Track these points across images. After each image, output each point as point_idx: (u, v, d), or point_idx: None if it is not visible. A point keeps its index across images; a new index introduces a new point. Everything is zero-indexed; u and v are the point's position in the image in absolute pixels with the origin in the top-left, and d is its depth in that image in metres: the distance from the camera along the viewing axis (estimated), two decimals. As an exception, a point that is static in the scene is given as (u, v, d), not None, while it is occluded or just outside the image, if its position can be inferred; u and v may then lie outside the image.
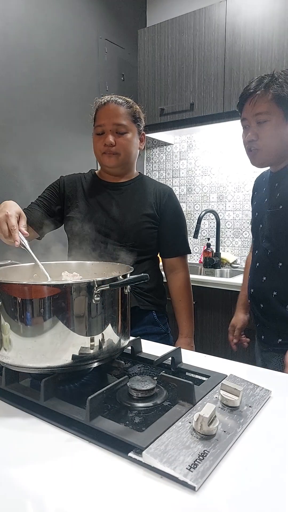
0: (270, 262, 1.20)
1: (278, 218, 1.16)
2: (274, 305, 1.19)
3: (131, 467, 0.56)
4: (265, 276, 1.22)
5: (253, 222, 1.35)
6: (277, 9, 2.00)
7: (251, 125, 1.15)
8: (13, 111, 2.04)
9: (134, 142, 1.30)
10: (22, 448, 0.61)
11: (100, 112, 1.28)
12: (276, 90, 1.10)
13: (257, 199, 1.34)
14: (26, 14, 2.06)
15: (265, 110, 1.12)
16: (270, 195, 1.23)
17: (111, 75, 2.67)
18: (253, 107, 1.13)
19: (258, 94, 1.12)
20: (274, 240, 1.18)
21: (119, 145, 1.26)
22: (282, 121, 1.12)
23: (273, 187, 1.22)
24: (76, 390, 0.78)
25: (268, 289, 1.20)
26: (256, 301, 1.26)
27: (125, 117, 1.27)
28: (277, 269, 1.18)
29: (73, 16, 2.34)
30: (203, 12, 2.25)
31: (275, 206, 1.17)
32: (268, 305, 1.21)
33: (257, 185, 1.39)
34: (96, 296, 0.74)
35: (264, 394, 0.75)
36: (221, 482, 0.53)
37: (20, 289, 0.73)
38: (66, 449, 0.60)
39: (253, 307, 1.30)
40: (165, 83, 2.44)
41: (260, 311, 1.25)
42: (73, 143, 2.38)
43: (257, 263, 1.26)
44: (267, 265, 1.21)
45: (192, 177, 2.84)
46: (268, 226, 1.21)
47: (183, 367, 0.87)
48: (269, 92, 1.11)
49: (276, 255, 1.18)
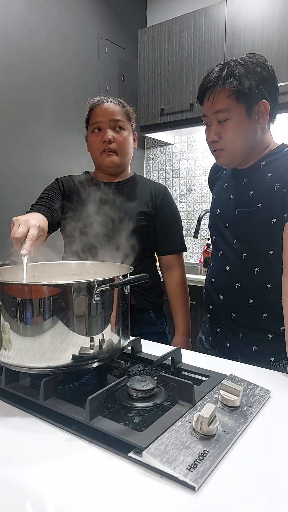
0: (245, 267, 1.05)
1: (256, 218, 1.02)
2: (249, 314, 1.06)
3: (131, 467, 0.56)
4: (238, 282, 1.07)
5: (213, 219, 1.19)
6: (277, 9, 2.00)
7: (212, 123, 1.03)
8: (13, 111, 2.04)
9: (130, 140, 1.31)
10: (22, 448, 0.61)
11: (96, 110, 1.30)
12: (234, 85, 0.97)
13: (216, 193, 1.21)
14: (26, 14, 2.06)
15: (225, 107, 0.99)
16: (238, 192, 1.09)
17: (111, 75, 2.67)
18: (211, 104, 1.01)
19: (216, 90, 0.99)
20: (251, 243, 1.04)
21: (117, 142, 1.27)
22: (245, 117, 1.00)
23: (241, 183, 1.09)
24: (76, 390, 0.78)
25: (242, 297, 1.06)
26: (226, 309, 1.11)
27: (121, 115, 1.28)
28: (253, 275, 1.04)
29: (73, 16, 2.34)
30: (203, 12, 2.25)
31: (250, 205, 1.04)
32: (242, 314, 1.07)
33: (214, 176, 1.26)
34: (96, 296, 0.74)
35: (264, 394, 0.75)
36: (221, 482, 0.53)
37: (20, 289, 0.73)
38: (66, 449, 0.60)
39: (220, 314, 1.13)
40: (165, 83, 2.44)
41: (231, 320, 1.10)
42: (73, 143, 2.38)
43: (226, 266, 1.11)
44: (241, 270, 1.07)
45: (192, 177, 2.84)
46: (241, 226, 1.07)
47: (183, 367, 0.87)
48: (227, 87, 0.97)
49: (252, 259, 1.04)
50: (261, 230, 1.01)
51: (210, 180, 1.30)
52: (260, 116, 1.01)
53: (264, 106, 1.00)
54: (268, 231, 0.99)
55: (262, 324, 1.04)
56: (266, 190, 1.00)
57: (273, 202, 0.98)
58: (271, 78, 1.02)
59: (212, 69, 1.02)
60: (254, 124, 1.01)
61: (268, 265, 1.01)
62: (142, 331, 1.28)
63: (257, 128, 1.02)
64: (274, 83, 1.03)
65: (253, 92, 0.98)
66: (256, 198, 1.03)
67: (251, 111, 1.00)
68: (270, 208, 0.98)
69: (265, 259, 1.01)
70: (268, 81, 1.00)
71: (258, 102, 0.99)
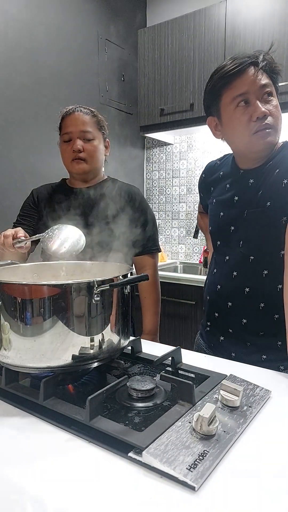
0: (253, 271, 1.03)
1: (265, 218, 0.99)
2: (260, 319, 1.03)
3: (131, 467, 0.56)
4: (247, 287, 1.04)
5: (216, 224, 1.15)
6: (277, 9, 2.00)
7: (257, 99, 0.96)
8: (13, 111, 2.04)
9: (100, 148, 1.36)
10: (21, 447, 0.61)
11: (67, 120, 1.35)
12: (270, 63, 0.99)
13: (217, 196, 1.16)
14: (26, 14, 2.06)
15: (269, 81, 0.98)
16: (245, 194, 1.06)
17: (111, 75, 2.67)
18: (257, 78, 0.96)
19: (261, 65, 0.97)
20: (260, 244, 1.01)
21: (87, 151, 1.32)
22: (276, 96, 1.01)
23: (247, 184, 1.06)
24: (76, 390, 0.78)
25: (253, 302, 1.03)
26: (237, 316, 1.07)
27: (91, 125, 1.33)
28: (262, 278, 1.01)
29: (73, 16, 2.34)
30: (203, 13, 2.25)
31: (259, 205, 1.00)
32: (253, 319, 1.04)
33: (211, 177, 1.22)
34: (96, 296, 0.74)
35: (264, 394, 0.75)
36: (221, 482, 0.53)
37: (20, 289, 0.73)
38: (66, 449, 0.60)
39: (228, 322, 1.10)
40: (165, 83, 2.44)
41: (242, 327, 1.06)
42: (73, 143, 2.38)
43: (233, 272, 1.07)
44: (249, 274, 1.04)
45: (192, 177, 2.84)
46: (249, 228, 1.04)
47: (183, 367, 0.87)
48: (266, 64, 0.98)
49: (261, 262, 1.01)
50: (271, 231, 0.97)
51: (205, 182, 1.25)
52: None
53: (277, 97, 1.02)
54: (278, 231, 0.94)
55: (274, 326, 1.01)
56: (274, 187, 0.97)
57: (282, 199, 0.95)
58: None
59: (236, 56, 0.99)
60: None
61: (278, 266, 0.96)
62: None
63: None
64: None
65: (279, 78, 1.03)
66: (265, 197, 0.99)
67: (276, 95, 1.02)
68: (280, 206, 0.95)
69: (274, 260, 0.98)
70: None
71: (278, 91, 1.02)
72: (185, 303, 2.18)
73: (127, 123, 2.80)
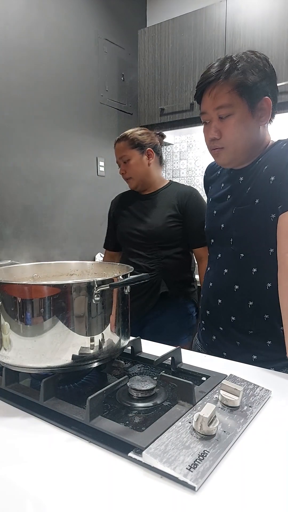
0: (242, 268, 1.03)
1: (254, 215, 0.99)
2: (250, 317, 1.03)
3: (131, 467, 0.56)
4: (237, 285, 1.04)
5: (210, 222, 1.16)
6: (277, 9, 2.00)
7: (213, 120, 0.99)
8: (13, 111, 2.04)
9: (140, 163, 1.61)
10: (21, 448, 0.61)
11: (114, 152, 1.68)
12: (238, 78, 0.93)
13: (212, 195, 1.18)
14: (26, 14, 2.06)
15: (227, 102, 0.95)
16: (236, 192, 1.06)
17: (111, 75, 2.67)
18: (213, 99, 0.96)
19: (218, 84, 0.95)
20: (249, 242, 1.02)
21: (128, 171, 1.62)
22: (248, 113, 0.96)
23: (238, 182, 1.06)
24: (76, 390, 0.78)
25: (242, 299, 1.04)
26: (226, 313, 1.08)
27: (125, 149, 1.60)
28: (251, 275, 1.01)
29: (73, 16, 2.34)
30: (203, 12, 2.25)
31: (248, 203, 1.00)
32: (242, 317, 1.04)
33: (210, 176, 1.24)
34: (96, 296, 0.74)
35: (264, 394, 0.75)
36: (221, 482, 0.52)
37: (20, 289, 0.73)
38: (66, 449, 0.60)
39: (218, 320, 1.10)
40: (165, 83, 2.44)
41: (230, 324, 1.07)
42: (73, 143, 2.38)
43: (224, 269, 1.08)
44: (239, 271, 1.04)
45: (192, 177, 2.84)
46: (239, 226, 1.04)
47: (183, 367, 0.87)
48: (230, 80, 0.94)
49: (250, 260, 1.02)
50: (260, 228, 0.97)
51: (205, 181, 1.28)
52: (262, 113, 0.98)
53: (267, 102, 0.97)
54: (267, 228, 0.95)
55: (263, 326, 1.02)
56: (262, 184, 0.97)
57: (270, 196, 0.95)
58: (273, 75, 0.99)
59: (212, 64, 0.98)
60: (256, 121, 0.98)
61: (267, 264, 0.98)
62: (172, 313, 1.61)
63: (259, 126, 0.99)
64: (275, 81, 1.01)
65: (256, 87, 0.95)
66: (254, 194, 0.99)
67: (254, 107, 0.96)
68: (268, 203, 0.95)
69: (263, 258, 0.99)
70: (271, 77, 0.98)
71: (261, 98, 0.96)
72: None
73: (127, 123, 2.80)
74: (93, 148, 2.51)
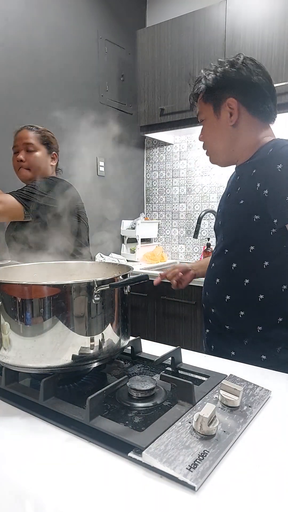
0: (225, 263, 1.07)
1: (238, 214, 1.03)
2: (226, 311, 1.06)
3: (131, 467, 0.56)
4: (218, 278, 1.09)
5: (216, 220, 1.23)
6: (277, 10, 2.00)
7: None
8: (13, 110, 2.03)
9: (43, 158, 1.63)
10: (21, 447, 0.61)
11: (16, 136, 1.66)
12: (198, 88, 1.08)
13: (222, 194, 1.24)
14: (26, 14, 2.06)
15: (199, 110, 1.10)
16: (232, 189, 1.11)
17: (111, 75, 2.67)
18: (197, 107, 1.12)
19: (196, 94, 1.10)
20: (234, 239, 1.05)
21: (28, 161, 1.61)
22: (214, 116, 1.07)
23: (235, 180, 1.11)
24: (76, 390, 0.78)
25: (220, 293, 1.08)
26: (209, 304, 1.13)
27: (34, 139, 1.61)
28: (232, 270, 1.05)
29: (73, 16, 2.34)
30: (203, 13, 2.25)
31: (236, 201, 1.05)
32: (220, 310, 1.08)
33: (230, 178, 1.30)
34: (96, 296, 0.74)
35: (264, 394, 0.75)
36: (221, 482, 0.53)
37: (20, 289, 0.73)
38: (66, 449, 0.60)
39: (205, 311, 1.16)
40: (165, 83, 2.44)
41: (211, 316, 1.12)
42: (73, 143, 2.37)
43: (212, 263, 1.14)
44: (221, 266, 1.09)
45: (192, 177, 2.84)
46: (227, 223, 1.10)
47: (183, 367, 0.87)
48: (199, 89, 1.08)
49: (231, 255, 1.05)
50: (243, 226, 1.01)
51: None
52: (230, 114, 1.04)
53: (233, 103, 1.02)
54: (250, 227, 0.99)
55: (239, 322, 1.04)
56: (249, 187, 1.01)
57: (254, 200, 0.98)
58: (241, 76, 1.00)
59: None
60: (225, 122, 1.05)
61: (246, 261, 1.02)
62: None
63: (230, 126, 1.05)
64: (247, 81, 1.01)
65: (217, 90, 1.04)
66: (241, 194, 1.04)
67: (219, 109, 1.05)
68: (252, 205, 0.99)
69: (243, 255, 1.02)
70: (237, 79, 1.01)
71: (225, 99, 1.03)
72: (185, 303, 2.18)
73: (127, 123, 2.80)
74: (93, 148, 2.51)
